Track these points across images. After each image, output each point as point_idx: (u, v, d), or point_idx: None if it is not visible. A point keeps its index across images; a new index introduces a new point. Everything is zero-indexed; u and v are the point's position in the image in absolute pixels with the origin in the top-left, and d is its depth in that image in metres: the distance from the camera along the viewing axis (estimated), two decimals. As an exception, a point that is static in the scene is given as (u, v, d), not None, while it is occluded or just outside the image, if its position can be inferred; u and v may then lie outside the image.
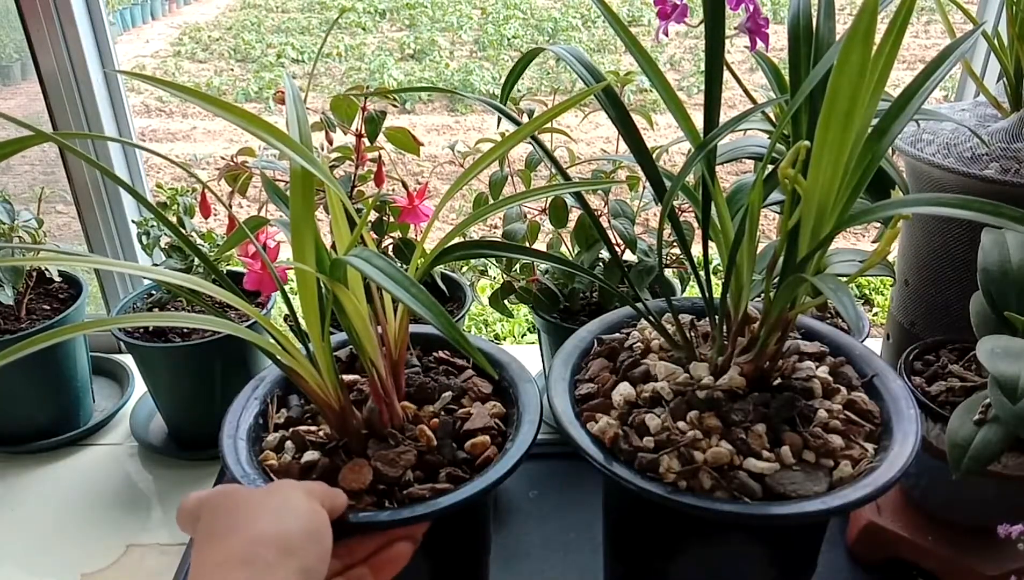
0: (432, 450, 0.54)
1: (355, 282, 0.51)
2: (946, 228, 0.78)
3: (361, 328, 0.52)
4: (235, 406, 0.58)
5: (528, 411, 0.57)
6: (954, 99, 1.10)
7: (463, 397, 0.60)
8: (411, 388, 0.59)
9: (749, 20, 0.64)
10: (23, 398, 0.92)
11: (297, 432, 0.56)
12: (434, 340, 0.66)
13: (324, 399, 0.53)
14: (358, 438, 0.54)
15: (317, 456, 0.54)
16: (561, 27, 5.12)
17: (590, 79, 0.56)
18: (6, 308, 0.93)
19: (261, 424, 0.58)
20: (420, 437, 0.55)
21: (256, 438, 0.57)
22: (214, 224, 1.04)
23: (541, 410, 0.57)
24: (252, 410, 0.58)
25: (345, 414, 0.54)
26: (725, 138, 0.55)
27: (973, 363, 0.71)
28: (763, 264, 0.59)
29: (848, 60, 0.42)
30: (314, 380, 0.52)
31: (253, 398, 0.59)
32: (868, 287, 1.70)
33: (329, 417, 0.54)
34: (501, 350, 0.64)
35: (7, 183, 1.33)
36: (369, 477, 0.51)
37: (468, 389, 0.60)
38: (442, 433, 0.55)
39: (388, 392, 0.55)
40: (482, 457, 0.54)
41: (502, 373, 0.61)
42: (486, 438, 0.55)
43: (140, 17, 5.55)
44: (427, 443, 0.54)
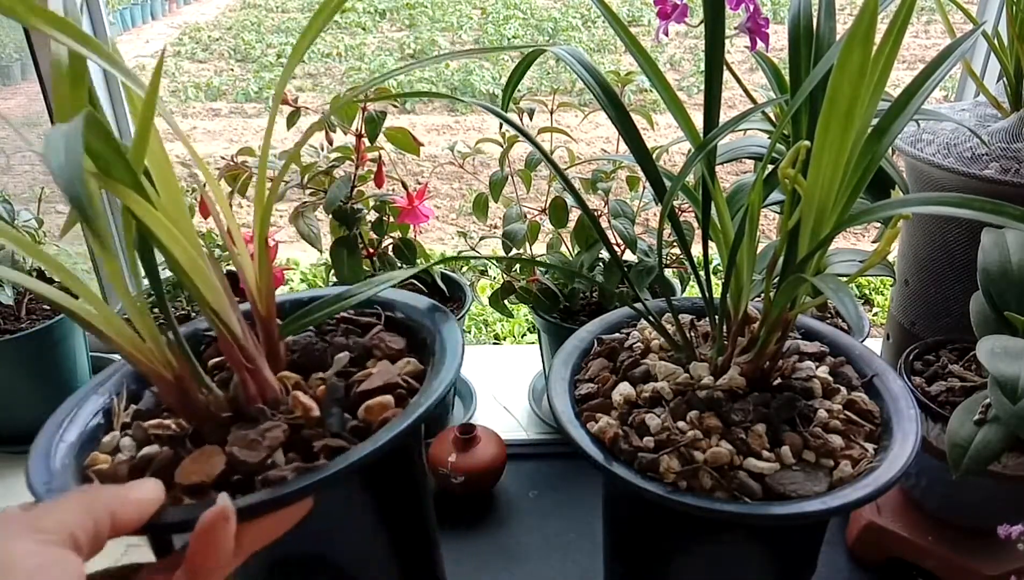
0: (312, 423, 0.43)
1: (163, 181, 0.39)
2: (946, 228, 0.78)
3: (184, 258, 0.39)
4: (66, 403, 0.47)
5: (446, 359, 0.46)
6: (954, 99, 1.10)
7: (367, 359, 0.49)
8: (294, 354, 0.48)
9: (749, 20, 0.64)
10: (23, 398, 0.92)
11: (139, 426, 0.44)
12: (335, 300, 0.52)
13: (146, 363, 0.41)
14: (216, 422, 0.43)
15: (155, 450, 0.43)
16: (561, 27, 5.12)
17: (590, 79, 0.56)
18: (6, 308, 0.93)
19: (102, 424, 0.47)
20: (295, 407, 0.43)
21: (91, 440, 0.46)
22: (213, 224, 1.03)
23: (463, 353, 0.47)
24: (91, 406, 0.47)
25: (185, 386, 0.42)
26: (725, 138, 0.55)
27: (973, 363, 0.71)
28: (763, 264, 0.59)
29: (848, 60, 0.42)
30: (119, 333, 0.40)
31: (94, 393, 0.48)
32: (868, 287, 1.71)
33: (166, 395, 0.42)
34: (416, 297, 0.52)
35: (7, 183, 1.34)
36: (219, 467, 0.40)
37: (373, 347, 0.49)
38: (329, 401, 0.44)
39: (251, 356, 0.43)
40: (379, 421, 0.43)
41: (417, 322, 0.51)
42: (386, 398, 0.44)
43: (140, 17, 5.55)
44: (304, 414, 0.43)
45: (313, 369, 0.48)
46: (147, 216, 0.37)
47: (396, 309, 0.51)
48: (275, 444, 0.41)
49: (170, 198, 0.39)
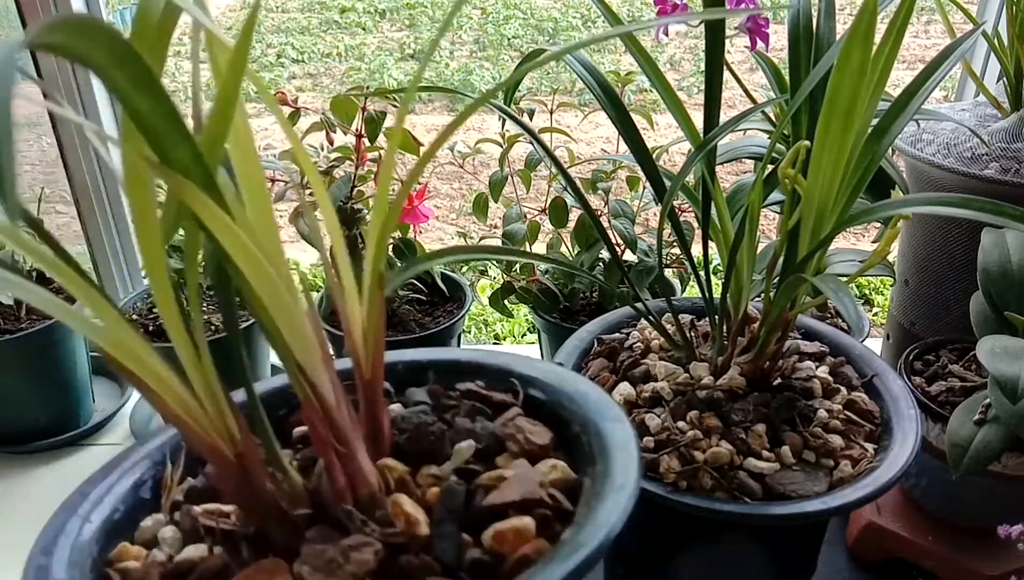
0: (416, 544, 0.30)
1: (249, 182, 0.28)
2: (946, 228, 0.78)
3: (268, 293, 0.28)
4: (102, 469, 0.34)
5: (614, 472, 0.31)
6: (954, 99, 1.10)
7: (499, 452, 0.35)
8: (401, 435, 0.35)
9: (749, 20, 0.64)
10: (23, 398, 0.92)
11: (188, 511, 0.32)
12: (460, 367, 0.40)
13: (197, 431, 0.29)
14: (288, 522, 0.31)
15: (203, 552, 0.31)
16: (561, 27, 5.12)
17: (590, 79, 0.56)
18: (6, 308, 0.93)
19: (147, 500, 0.34)
20: (395, 517, 0.31)
21: (127, 522, 0.33)
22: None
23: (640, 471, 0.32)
24: (132, 475, 0.34)
25: (248, 469, 0.30)
26: (725, 138, 0.55)
27: (973, 363, 0.71)
28: (763, 264, 0.59)
29: (848, 60, 0.42)
30: (161, 382, 0.29)
31: (141, 456, 0.35)
32: (868, 287, 1.71)
33: (222, 478, 0.30)
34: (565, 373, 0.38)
35: (7, 183, 1.33)
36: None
37: (508, 437, 0.35)
38: (443, 512, 0.31)
39: (343, 436, 0.31)
40: (513, 560, 0.29)
41: (567, 408, 0.36)
42: (525, 522, 0.30)
43: (140, 17, 5.54)
44: (408, 529, 0.30)
45: (424, 459, 0.34)
46: (221, 231, 0.26)
47: (538, 387, 0.37)
48: (361, 573, 0.28)
49: (257, 207, 0.28)
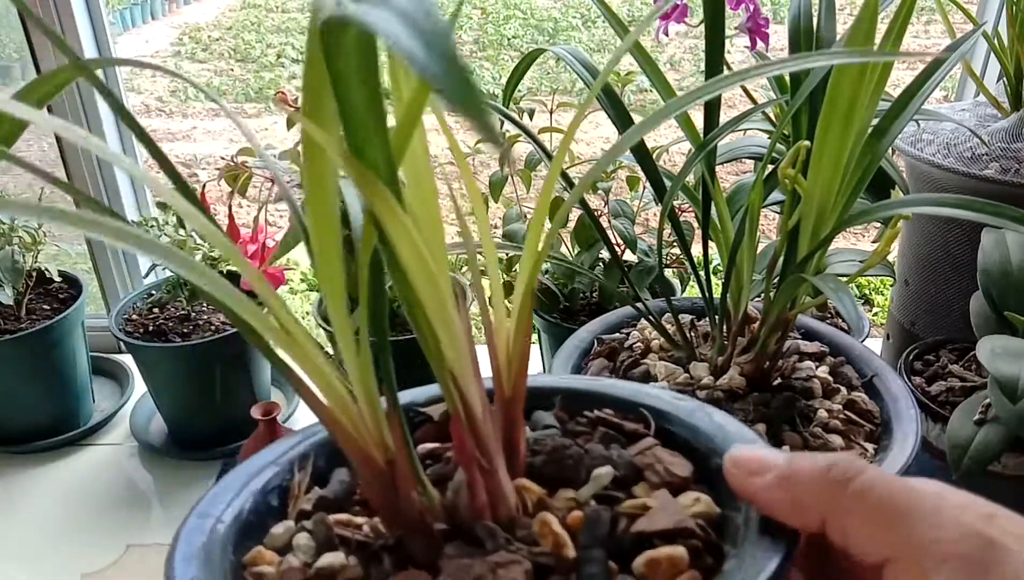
0: (563, 566, 0.29)
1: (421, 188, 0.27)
2: (946, 228, 0.78)
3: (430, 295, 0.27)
4: (237, 471, 0.34)
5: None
6: (954, 99, 1.10)
7: (635, 481, 0.34)
8: (537, 456, 0.34)
9: (749, 20, 0.64)
10: (23, 398, 0.92)
11: (322, 520, 0.32)
12: (586, 395, 0.38)
13: (353, 437, 0.29)
14: (427, 535, 0.30)
15: (340, 560, 0.30)
16: (561, 27, 5.12)
17: (590, 79, 0.56)
18: (6, 308, 0.93)
19: (275, 507, 0.34)
20: (542, 536, 0.30)
21: (258, 526, 0.33)
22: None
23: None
24: (264, 479, 0.34)
25: (397, 478, 0.30)
26: (725, 138, 0.55)
27: (973, 363, 0.71)
28: (763, 264, 0.59)
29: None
30: (328, 385, 0.29)
31: (273, 463, 0.35)
32: (868, 287, 1.71)
33: (370, 486, 0.31)
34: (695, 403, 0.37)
35: (7, 183, 1.33)
36: None
37: (646, 467, 0.34)
38: (589, 537, 0.30)
39: (487, 451, 0.30)
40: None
41: (703, 441, 0.35)
42: (679, 551, 0.29)
43: (140, 17, 5.55)
44: (555, 549, 0.29)
45: (560, 483, 0.33)
46: (399, 233, 0.25)
47: (671, 422, 0.36)
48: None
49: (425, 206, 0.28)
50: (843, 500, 0.24)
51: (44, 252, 0.94)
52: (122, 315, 0.94)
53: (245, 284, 0.86)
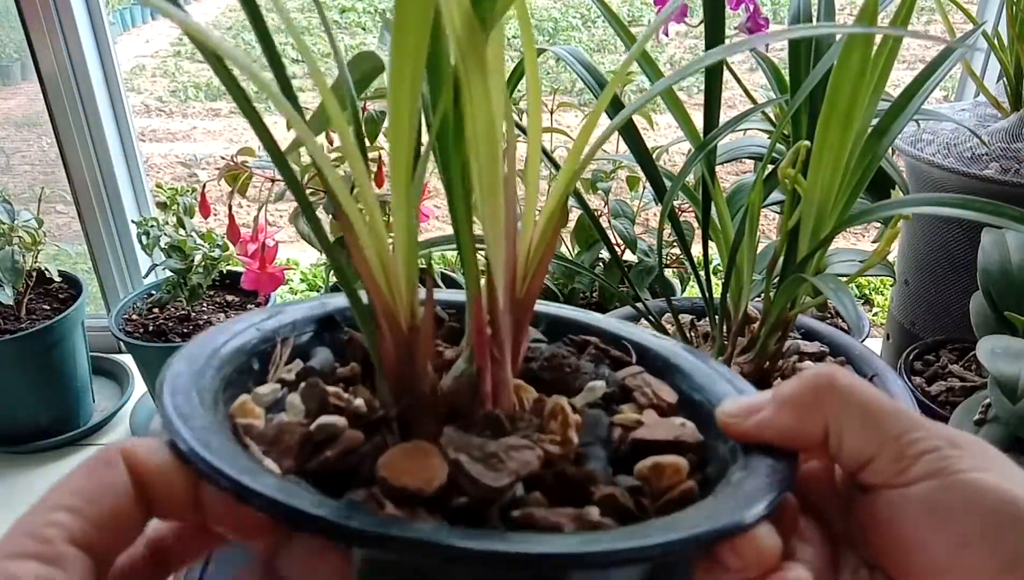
0: (569, 458, 0.30)
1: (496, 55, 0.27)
2: (946, 228, 0.78)
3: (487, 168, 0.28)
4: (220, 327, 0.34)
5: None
6: (954, 99, 1.10)
7: (624, 401, 0.35)
8: (534, 362, 0.35)
9: (749, 20, 0.64)
10: (23, 398, 0.92)
11: (315, 386, 0.31)
12: (571, 323, 0.40)
13: (386, 298, 0.29)
14: (431, 410, 0.31)
15: (341, 422, 0.29)
16: (561, 27, 5.12)
17: (590, 79, 0.56)
18: (6, 308, 0.93)
19: (255, 369, 0.34)
20: (549, 427, 0.30)
21: (237, 384, 0.32)
22: (214, 224, 1.04)
23: None
24: (245, 339, 0.33)
25: (416, 345, 0.30)
26: (725, 138, 0.55)
27: (973, 363, 0.71)
28: (763, 264, 0.59)
29: (848, 60, 0.42)
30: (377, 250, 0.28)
31: (254, 327, 0.34)
32: (868, 287, 1.71)
33: (389, 351, 0.30)
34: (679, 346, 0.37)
35: (7, 183, 1.34)
36: (442, 475, 0.27)
37: (635, 388, 0.35)
38: (590, 435, 0.31)
39: (501, 341, 0.30)
40: (677, 492, 0.29)
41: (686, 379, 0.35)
42: (681, 460, 0.30)
43: (140, 17, 5.55)
44: (563, 441, 0.30)
45: (556, 390, 0.34)
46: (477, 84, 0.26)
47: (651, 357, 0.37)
48: (523, 471, 0.27)
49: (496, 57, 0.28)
50: (835, 401, 0.26)
51: (44, 252, 0.94)
52: (122, 315, 0.94)
53: (246, 282, 0.86)
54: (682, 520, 0.25)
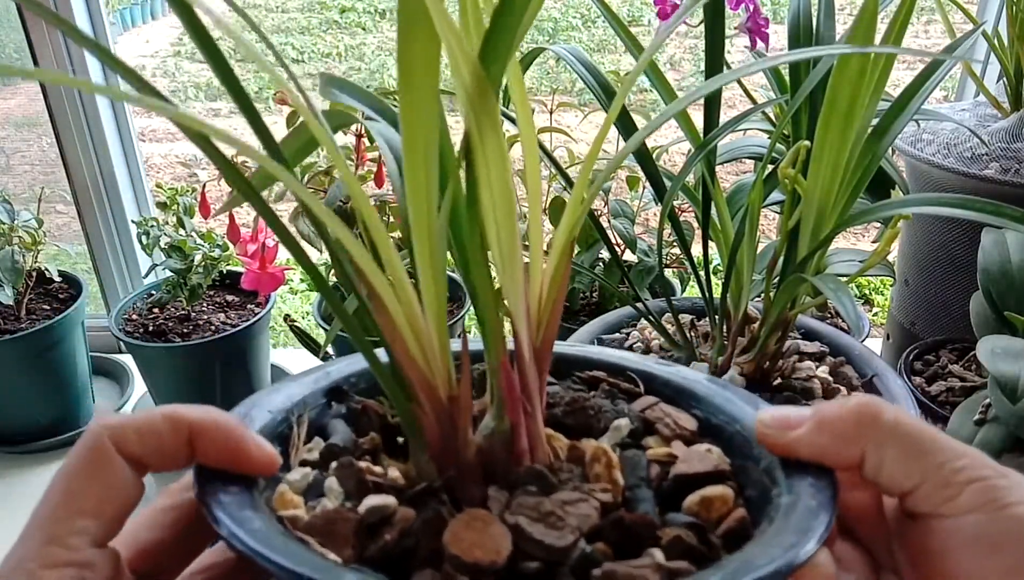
0: (620, 505, 0.29)
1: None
2: (946, 228, 0.78)
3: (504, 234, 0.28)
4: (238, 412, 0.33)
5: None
6: (954, 99, 1.10)
7: (646, 434, 0.35)
8: (556, 408, 0.34)
9: (749, 20, 0.64)
10: (23, 398, 0.92)
11: (351, 464, 0.30)
12: (576, 360, 0.39)
13: (423, 371, 0.28)
14: (476, 476, 0.30)
15: (390, 502, 0.28)
16: (561, 27, 5.12)
17: (590, 79, 0.56)
18: (6, 308, 0.93)
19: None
20: (596, 477, 0.30)
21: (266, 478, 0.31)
22: (214, 224, 1.04)
23: None
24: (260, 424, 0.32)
25: (457, 414, 0.29)
26: (725, 138, 0.55)
27: (973, 363, 0.71)
28: (763, 264, 0.59)
29: (848, 60, 0.42)
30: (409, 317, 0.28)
31: (265, 410, 0.33)
32: (868, 287, 1.71)
33: (430, 422, 0.29)
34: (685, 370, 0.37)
35: (7, 183, 1.34)
36: (506, 542, 0.26)
37: (656, 420, 0.35)
38: (634, 478, 0.31)
39: (531, 395, 0.30)
40: (729, 524, 0.29)
41: (699, 403, 0.35)
42: (727, 491, 0.30)
43: (140, 17, 5.55)
44: (613, 489, 0.29)
45: (580, 434, 0.34)
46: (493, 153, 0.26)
47: (659, 384, 0.37)
48: (585, 526, 0.27)
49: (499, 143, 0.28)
50: (877, 434, 0.27)
51: (44, 252, 0.94)
52: (122, 315, 0.94)
53: (246, 282, 0.86)
54: (757, 555, 0.25)
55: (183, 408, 0.27)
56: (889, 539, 0.29)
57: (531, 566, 0.26)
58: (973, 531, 0.25)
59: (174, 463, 0.27)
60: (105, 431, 0.26)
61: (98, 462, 0.26)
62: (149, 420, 0.27)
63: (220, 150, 0.26)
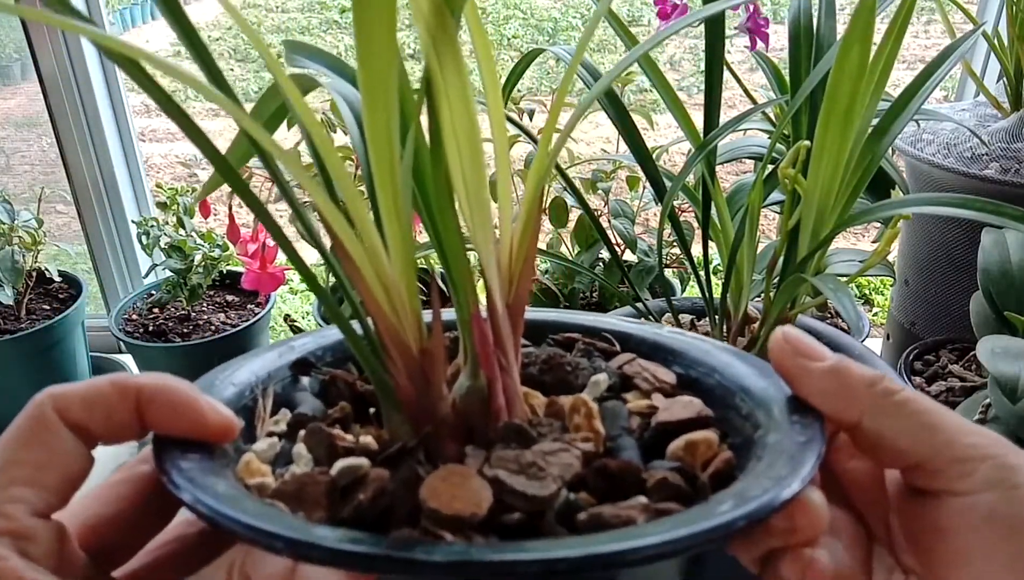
0: (602, 454, 0.29)
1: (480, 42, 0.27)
2: (946, 228, 0.78)
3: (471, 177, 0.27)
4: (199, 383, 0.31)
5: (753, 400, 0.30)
6: (954, 99, 1.10)
7: (626, 389, 0.34)
8: (532, 366, 0.33)
9: (749, 20, 0.64)
10: (23, 398, 0.92)
11: (320, 430, 0.29)
12: (550, 325, 0.38)
13: (394, 324, 0.27)
14: (453, 433, 0.29)
15: (364, 463, 0.27)
16: (561, 27, 5.12)
17: (590, 79, 0.56)
18: (6, 308, 0.93)
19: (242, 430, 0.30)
20: (577, 427, 0.30)
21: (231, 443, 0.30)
22: (214, 224, 1.04)
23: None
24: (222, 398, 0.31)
25: (429, 367, 0.28)
26: (725, 138, 0.55)
27: (973, 363, 0.71)
28: (763, 264, 0.59)
29: (847, 60, 0.42)
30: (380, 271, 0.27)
31: (228, 382, 0.33)
32: (868, 287, 1.71)
33: (402, 379, 0.28)
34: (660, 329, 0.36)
35: (7, 183, 1.34)
36: (486, 494, 0.26)
37: (635, 374, 0.34)
38: (616, 428, 0.30)
39: (506, 350, 0.29)
40: (716, 466, 0.28)
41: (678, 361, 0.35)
42: (711, 435, 0.29)
43: (140, 17, 5.55)
44: (595, 439, 0.29)
45: (559, 391, 0.33)
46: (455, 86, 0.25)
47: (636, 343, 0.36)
48: (567, 474, 0.27)
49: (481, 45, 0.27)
50: (887, 405, 0.25)
51: (44, 252, 0.94)
52: (122, 315, 0.94)
53: (247, 282, 0.86)
54: (750, 487, 0.25)
55: (133, 375, 0.26)
56: (887, 513, 0.28)
57: (513, 518, 0.25)
58: (987, 510, 0.24)
59: (124, 433, 0.26)
60: (48, 399, 0.25)
61: (37, 430, 0.25)
62: (95, 387, 0.25)
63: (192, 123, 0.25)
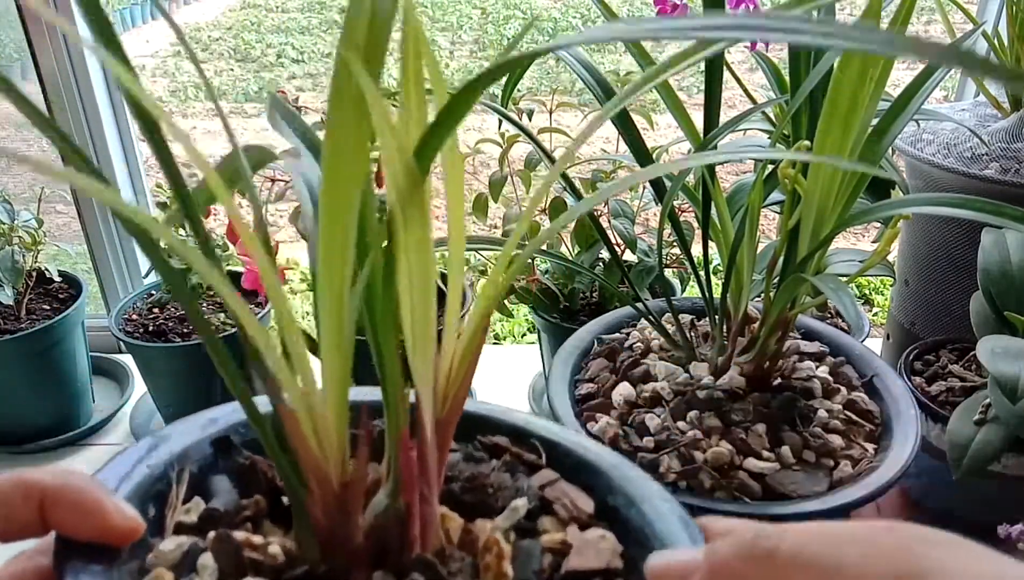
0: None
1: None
2: (946, 228, 0.78)
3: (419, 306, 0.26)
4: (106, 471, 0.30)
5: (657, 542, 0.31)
6: (954, 99, 1.10)
7: (542, 513, 0.33)
8: (454, 483, 0.33)
9: (749, 20, 0.64)
10: (23, 398, 0.92)
11: (228, 538, 0.28)
12: (480, 421, 0.37)
13: (317, 459, 0.27)
14: (362, 563, 0.28)
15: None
16: (561, 27, 5.12)
17: (590, 79, 0.57)
18: (6, 308, 0.93)
19: (151, 515, 0.30)
20: (487, 567, 0.29)
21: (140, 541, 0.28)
22: (213, 224, 1.04)
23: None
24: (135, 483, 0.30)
25: (348, 502, 0.27)
26: (725, 138, 0.55)
27: (973, 363, 0.71)
28: (763, 264, 0.59)
29: (848, 60, 0.43)
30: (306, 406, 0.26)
31: (143, 464, 0.31)
32: (868, 287, 1.71)
33: (319, 506, 0.27)
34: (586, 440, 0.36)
35: (7, 183, 1.33)
36: None
37: (555, 500, 0.34)
38: (527, 571, 0.29)
39: (429, 478, 0.29)
40: None
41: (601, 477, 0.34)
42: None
43: (140, 17, 5.54)
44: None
45: (478, 513, 0.32)
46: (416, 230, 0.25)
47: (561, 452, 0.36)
48: None
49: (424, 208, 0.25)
50: (777, 571, 0.24)
51: (44, 252, 0.94)
52: (122, 315, 0.94)
53: (246, 282, 0.86)
54: None
55: (37, 472, 0.25)
56: None
57: None
58: None
59: (26, 532, 0.25)
60: None
61: None
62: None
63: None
